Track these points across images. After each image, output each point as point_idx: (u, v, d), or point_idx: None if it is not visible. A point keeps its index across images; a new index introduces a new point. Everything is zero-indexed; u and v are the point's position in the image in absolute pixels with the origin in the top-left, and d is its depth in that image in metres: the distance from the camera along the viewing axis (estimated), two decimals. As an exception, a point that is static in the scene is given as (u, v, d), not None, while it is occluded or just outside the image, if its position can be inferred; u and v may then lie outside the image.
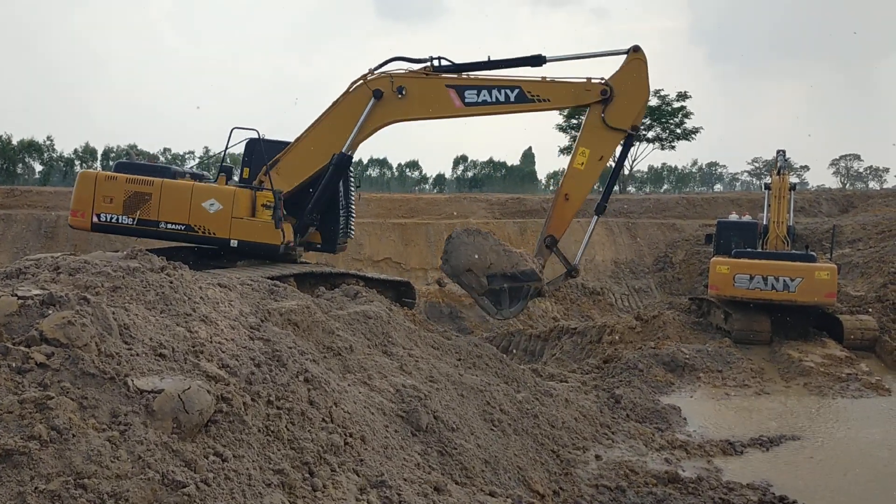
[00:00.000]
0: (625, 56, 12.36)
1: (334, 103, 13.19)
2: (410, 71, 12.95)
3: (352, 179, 14.79)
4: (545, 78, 12.50)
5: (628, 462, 8.92)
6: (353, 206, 14.79)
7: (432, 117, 13.25)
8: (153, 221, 12.47)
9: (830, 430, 11.47)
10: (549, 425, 9.26)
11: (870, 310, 18.98)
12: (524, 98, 12.46)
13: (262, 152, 13.21)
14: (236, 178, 14.28)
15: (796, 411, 12.55)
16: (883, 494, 8.61)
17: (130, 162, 14.83)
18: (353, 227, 15.03)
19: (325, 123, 13.24)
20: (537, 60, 12.54)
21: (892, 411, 12.56)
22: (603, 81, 12.29)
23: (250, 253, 12.88)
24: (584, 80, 12.39)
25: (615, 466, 8.68)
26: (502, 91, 12.49)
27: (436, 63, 12.80)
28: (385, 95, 12.74)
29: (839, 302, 18.99)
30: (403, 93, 12.71)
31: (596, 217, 13.30)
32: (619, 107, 12.28)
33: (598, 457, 8.96)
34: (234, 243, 12.54)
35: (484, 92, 12.54)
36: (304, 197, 13.50)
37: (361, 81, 13.00)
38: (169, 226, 12.50)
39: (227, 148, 13.13)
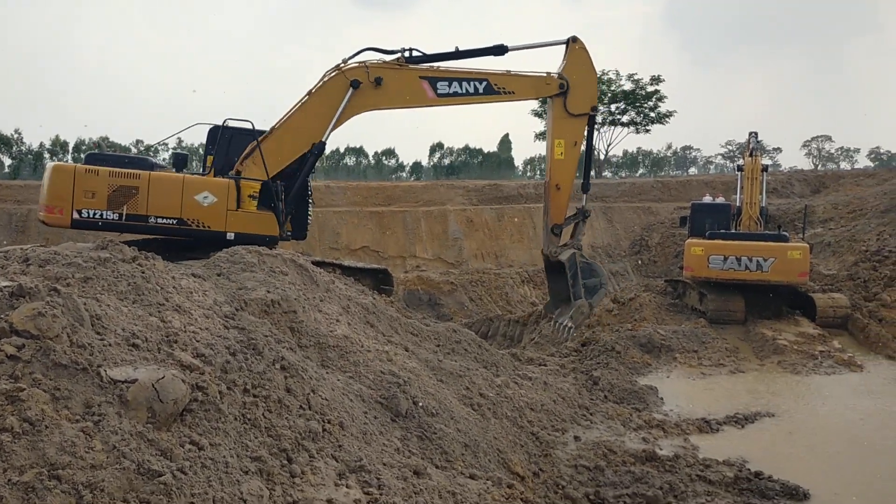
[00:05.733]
0: (565, 46, 13.69)
1: (310, 92, 13.20)
2: (384, 62, 13.25)
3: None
4: (510, 71, 13.52)
5: (606, 442, 8.99)
6: (310, 194, 14.70)
7: (407, 107, 13.86)
8: (142, 216, 11.98)
9: (804, 406, 11.65)
10: (528, 408, 9.31)
11: (842, 288, 19.30)
12: (491, 90, 13.47)
13: (227, 141, 13.18)
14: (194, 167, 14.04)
15: (771, 389, 12.72)
16: (858, 465, 8.76)
17: (101, 154, 14.47)
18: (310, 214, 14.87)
19: (302, 112, 13.19)
20: (500, 50, 13.55)
21: (865, 386, 12.78)
22: (558, 76, 13.57)
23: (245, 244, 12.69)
24: (545, 75, 13.65)
25: (594, 446, 8.74)
26: (471, 83, 13.39)
27: (407, 54, 13.26)
28: (363, 85, 13.00)
29: (812, 281, 19.30)
30: (381, 83, 13.06)
31: (585, 195, 14.85)
32: (576, 96, 13.78)
33: (576, 438, 9.02)
34: (230, 236, 12.18)
35: (455, 83, 13.34)
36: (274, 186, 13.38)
37: (337, 72, 13.09)
38: (160, 220, 12.04)
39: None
